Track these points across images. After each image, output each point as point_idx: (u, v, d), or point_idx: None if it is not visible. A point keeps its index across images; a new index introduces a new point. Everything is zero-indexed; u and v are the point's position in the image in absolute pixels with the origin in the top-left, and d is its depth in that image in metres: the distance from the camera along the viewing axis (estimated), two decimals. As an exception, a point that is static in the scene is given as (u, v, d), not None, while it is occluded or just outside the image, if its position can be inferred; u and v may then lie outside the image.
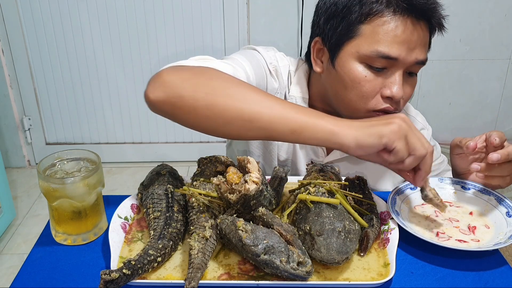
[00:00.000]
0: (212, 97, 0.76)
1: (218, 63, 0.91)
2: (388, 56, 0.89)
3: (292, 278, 0.70)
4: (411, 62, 0.91)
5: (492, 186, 0.92)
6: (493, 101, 2.77)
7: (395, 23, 0.89)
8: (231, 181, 0.77)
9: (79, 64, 2.63)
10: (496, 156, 0.83)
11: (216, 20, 2.55)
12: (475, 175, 0.93)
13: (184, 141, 2.84)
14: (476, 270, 0.78)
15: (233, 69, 0.91)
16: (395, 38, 0.89)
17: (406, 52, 0.90)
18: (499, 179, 0.89)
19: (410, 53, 0.90)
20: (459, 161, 0.95)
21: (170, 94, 0.77)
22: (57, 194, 0.80)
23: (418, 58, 0.91)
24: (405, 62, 0.91)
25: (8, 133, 2.75)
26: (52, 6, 2.49)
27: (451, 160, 0.98)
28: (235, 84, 0.79)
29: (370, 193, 0.90)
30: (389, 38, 0.89)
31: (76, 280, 0.75)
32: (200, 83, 0.77)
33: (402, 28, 0.89)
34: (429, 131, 1.14)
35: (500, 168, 0.87)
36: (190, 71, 0.81)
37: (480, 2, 2.49)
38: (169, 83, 0.78)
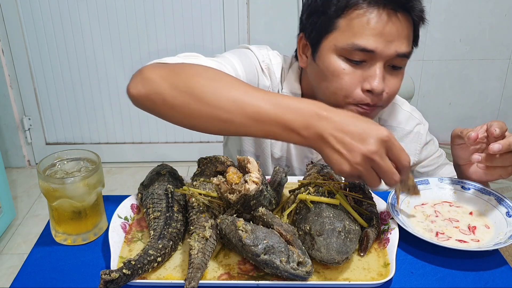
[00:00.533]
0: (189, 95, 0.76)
1: (204, 60, 0.92)
2: (365, 48, 0.89)
3: (292, 278, 0.70)
4: (391, 55, 0.90)
5: (493, 177, 0.91)
6: (493, 101, 2.77)
7: (370, 15, 0.89)
8: (231, 181, 0.77)
9: (79, 64, 2.63)
10: (497, 146, 0.82)
11: (216, 20, 2.55)
12: (476, 165, 0.92)
13: (184, 141, 2.84)
14: (476, 270, 0.78)
15: (218, 65, 0.91)
16: (371, 31, 0.89)
17: (383, 45, 0.89)
18: (500, 169, 0.88)
19: (388, 45, 0.89)
20: (460, 151, 0.94)
21: (150, 90, 0.79)
22: (57, 194, 0.80)
23: (398, 50, 0.90)
24: (384, 55, 0.90)
25: (8, 133, 2.75)
26: (52, 6, 2.49)
27: (452, 151, 0.97)
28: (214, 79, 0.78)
29: (370, 193, 0.90)
30: (365, 31, 0.89)
31: (76, 280, 0.75)
32: (178, 80, 0.78)
33: (378, 20, 0.88)
34: (425, 126, 1.14)
35: (501, 158, 0.86)
36: (170, 68, 0.81)
37: (480, 2, 2.49)
38: (149, 79, 0.79)
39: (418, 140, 1.12)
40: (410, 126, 1.12)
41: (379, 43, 0.89)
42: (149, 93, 0.79)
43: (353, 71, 0.92)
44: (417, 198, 0.87)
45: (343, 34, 0.91)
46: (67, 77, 2.66)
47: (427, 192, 0.95)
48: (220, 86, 0.76)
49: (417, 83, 2.64)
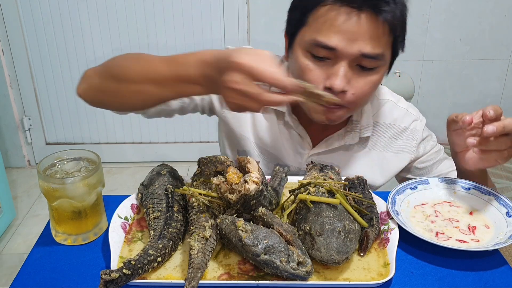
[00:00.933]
0: (109, 78, 0.89)
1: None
2: (325, 45, 0.88)
3: (292, 278, 0.70)
4: (354, 54, 0.88)
5: (490, 163, 0.90)
6: (493, 101, 2.77)
7: (335, 13, 0.88)
8: (231, 181, 0.77)
9: (79, 64, 2.63)
10: (491, 128, 0.80)
11: (216, 20, 2.55)
12: (472, 151, 0.91)
13: (184, 141, 2.84)
14: (476, 270, 0.78)
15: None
16: (333, 28, 0.88)
17: (345, 43, 0.87)
18: (496, 153, 0.86)
19: (350, 44, 0.87)
20: (455, 137, 0.93)
21: (87, 85, 0.93)
22: (57, 194, 0.80)
23: (362, 50, 0.87)
24: (346, 54, 0.88)
25: (8, 133, 2.75)
26: (52, 6, 2.49)
27: (448, 138, 0.96)
28: (125, 59, 0.90)
29: (370, 193, 0.90)
30: (327, 28, 0.88)
31: (76, 280, 0.75)
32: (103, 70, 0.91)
33: (342, 18, 0.87)
34: (422, 122, 1.13)
35: (496, 142, 0.84)
36: (102, 64, 0.93)
37: (480, 2, 2.49)
38: (87, 77, 0.93)
39: (414, 137, 1.11)
40: (406, 122, 1.11)
41: (340, 41, 0.87)
42: (88, 88, 0.93)
43: (316, 67, 0.91)
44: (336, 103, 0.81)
45: (309, 29, 0.91)
46: (67, 77, 2.66)
47: (427, 192, 0.95)
48: (128, 64, 0.88)
49: (417, 83, 2.64)
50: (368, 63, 0.90)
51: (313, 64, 0.91)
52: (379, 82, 0.95)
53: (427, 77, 2.68)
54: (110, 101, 0.92)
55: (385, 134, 1.11)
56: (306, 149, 1.09)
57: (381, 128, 1.11)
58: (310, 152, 1.09)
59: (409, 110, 1.13)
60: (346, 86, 0.90)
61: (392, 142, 1.11)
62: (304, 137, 1.08)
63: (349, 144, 1.08)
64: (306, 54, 0.92)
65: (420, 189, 0.95)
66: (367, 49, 0.88)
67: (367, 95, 0.95)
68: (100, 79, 0.91)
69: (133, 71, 0.86)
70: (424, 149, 1.13)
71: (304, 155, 1.09)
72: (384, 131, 1.11)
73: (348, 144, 1.08)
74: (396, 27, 0.90)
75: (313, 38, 0.90)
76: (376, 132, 1.10)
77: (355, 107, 0.97)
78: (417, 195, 0.94)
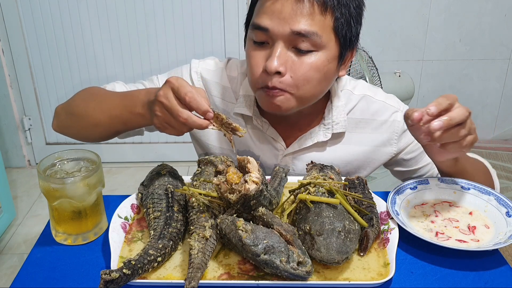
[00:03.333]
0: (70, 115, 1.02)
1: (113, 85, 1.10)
2: (258, 26, 0.91)
3: (292, 278, 0.70)
4: (286, 33, 0.88)
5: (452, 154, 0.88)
6: (493, 101, 2.77)
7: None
8: (231, 181, 0.77)
9: (79, 64, 2.63)
10: (437, 123, 0.77)
11: (216, 21, 2.55)
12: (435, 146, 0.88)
13: (184, 141, 2.84)
14: (476, 270, 0.78)
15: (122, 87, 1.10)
16: (266, 9, 0.90)
17: (277, 23, 0.89)
18: (454, 145, 0.83)
19: (282, 23, 0.88)
20: (414, 132, 0.87)
21: (57, 122, 1.05)
22: (57, 194, 0.80)
23: (293, 28, 0.88)
24: (278, 33, 0.89)
25: (8, 133, 2.75)
26: (52, 6, 2.49)
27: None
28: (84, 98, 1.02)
29: (370, 193, 0.90)
30: (262, 10, 0.91)
31: (76, 280, 0.75)
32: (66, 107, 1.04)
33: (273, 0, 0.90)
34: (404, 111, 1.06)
35: (449, 134, 0.80)
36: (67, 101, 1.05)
37: (480, 2, 2.49)
38: (56, 114, 1.05)
39: (395, 129, 1.08)
40: (386, 115, 1.08)
41: (272, 21, 0.89)
42: (58, 124, 1.05)
43: (257, 53, 0.93)
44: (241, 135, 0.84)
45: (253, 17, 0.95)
46: (67, 77, 2.66)
47: (427, 192, 0.95)
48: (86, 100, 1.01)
49: (417, 83, 2.64)
50: (303, 44, 0.89)
51: (254, 50, 0.94)
52: (321, 67, 0.92)
53: (427, 77, 2.68)
54: (76, 135, 1.05)
55: (364, 129, 1.09)
56: (280, 150, 1.09)
57: (359, 124, 1.08)
58: (284, 152, 1.08)
59: (387, 101, 1.10)
60: (281, 67, 0.90)
61: (372, 136, 1.09)
62: (276, 138, 1.08)
63: (323, 141, 1.07)
64: (250, 42, 0.96)
65: (420, 189, 0.95)
66: (297, 27, 0.88)
67: (308, 80, 0.92)
68: (65, 116, 1.03)
69: (92, 108, 0.98)
70: (408, 140, 1.09)
71: (279, 156, 1.09)
72: (363, 127, 1.09)
73: (322, 141, 1.06)
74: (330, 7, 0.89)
75: (252, 23, 0.94)
76: (354, 127, 1.08)
77: (299, 93, 0.93)
78: (417, 195, 0.94)
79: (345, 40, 0.93)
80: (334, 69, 0.95)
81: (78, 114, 1.00)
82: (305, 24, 0.88)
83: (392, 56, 2.56)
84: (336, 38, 0.92)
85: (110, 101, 0.96)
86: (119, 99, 0.95)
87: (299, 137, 1.07)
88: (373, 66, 2.11)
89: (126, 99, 0.94)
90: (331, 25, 0.90)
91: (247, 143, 1.10)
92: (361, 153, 1.10)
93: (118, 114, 0.94)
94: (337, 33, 0.92)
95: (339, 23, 0.91)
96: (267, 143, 1.09)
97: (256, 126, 1.08)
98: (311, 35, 0.88)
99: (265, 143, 1.09)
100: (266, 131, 1.07)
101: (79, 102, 1.02)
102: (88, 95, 1.03)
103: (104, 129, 0.98)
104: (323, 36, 0.90)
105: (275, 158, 1.09)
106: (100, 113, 0.97)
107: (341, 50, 0.94)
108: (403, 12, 2.48)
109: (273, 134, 1.07)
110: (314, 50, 0.91)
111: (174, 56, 2.60)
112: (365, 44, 2.22)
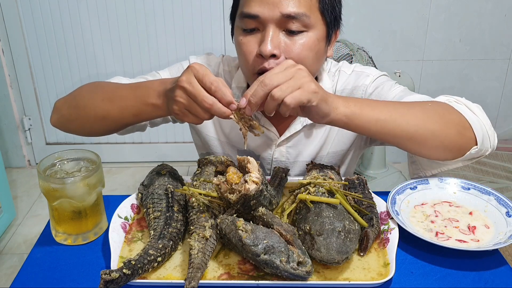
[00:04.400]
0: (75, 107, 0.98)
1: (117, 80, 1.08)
2: (248, 14, 0.93)
3: (292, 278, 0.70)
4: (276, 17, 0.91)
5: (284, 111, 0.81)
6: (493, 101, 2.77)
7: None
8: (231, 181, 0.77)
9: (79, 64, 2.63)
10: (243, 101, 0.80)
11: (216, 20, 2.55)
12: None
13: (184, 141, 2.84)
14: (476, 270, 0.78)
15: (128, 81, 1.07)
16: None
17: (267, 8, 0.91)
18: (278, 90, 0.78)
19: (271, 8, 0.91)
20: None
21: (57, 116, 1.02)
22: (57, 194, 0.80)
23: (283, 11, 0.91)
24: (269, 18, 0.92)
25: (8, 133, 2.75)
26: (52, 6, 2.49)
27: None
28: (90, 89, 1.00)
29: (370, 193, 0.90)
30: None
31: (76, 280, 0.75)
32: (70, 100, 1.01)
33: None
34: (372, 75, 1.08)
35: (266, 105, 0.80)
36: (69, 94, 1.02)
37: (480, 2, 2.49)
38: (56, 108, 1.02)
39: (363, 92, 1.07)
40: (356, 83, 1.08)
41: (261, 7, 0.91)
42: (58, 119, 1.02)
43: (248, 40, 0.95)
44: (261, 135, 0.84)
45: (239, 7, 0.96)
46: (67, 77, 2.66)
47: (427, 192, 0.95)
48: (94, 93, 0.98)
49: (417, 83, 2.64)
50: (293, 25, 0.92)
51: (245, 38, 0.96)
52: (313, 46, 0.95)
53: (427, 77, 2.68)
54: (79, 129, 1.02)
55: None
56: (274, 139, 1.10)
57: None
58: (277, 141, 1.09)
59: (356, 69, 1.10)
60: (275, 50, 0.92)
61: None
62: (269, 128, 1.09)
63: (311, 124, 1.08)
64: (239, 31, 0.97)
65: (420, 189, 0.95)
66: (286, 9, 0.91)
67: (303, 60, 0.93)
68: (68, 109, 1.00)
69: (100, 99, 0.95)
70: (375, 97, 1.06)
71: (273, 145, 1.10)
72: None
73: (310, 124, 1.08)
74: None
75: (240, 12, 0.95)
76: None
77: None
78: (417, 195, 0.94)
79: (331, 19, 0.97)
80: (323, 49, 0.99)
81: (84, 106, 0.97)
82: (293, 6, 0.91)
83: (392, 56, 2.56)
84: (322, 18, 0.96)
85: (120, 92, 0.93)
86: (130, 90, 0.93)
87: (291, 124, 1.09)
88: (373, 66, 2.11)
89: (138, 90, 0.91)
90: (317, 6, 0.94)
91: (240, 135, 1.11)
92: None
93: (129, 105, 0.91)
94: (323, 13, 0.96)
95: (324, 4, 0.95)
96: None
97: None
98: (301, 16, 0.92)
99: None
100: (260, 121, 1.09)
101: (85, 93, 0.99)
102: (94, 87, 1.00)
103: (112, 121, 0.95)
104: (311, 16, 0.93)
105: (269, 148, 1.11)
106: (109, 105, 0.93)
107: (328, 30, 0.98)
108: (403, 12, 2.48)
109: (266, 124, 1.09)
110: (304, 30, 0.94)
111: (174, 55, 2.60)
112: (365, 44, 2.23)
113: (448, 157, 0.91)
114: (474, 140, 0.89)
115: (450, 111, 0.91)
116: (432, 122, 0.88)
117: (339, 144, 1.12)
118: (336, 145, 1.12)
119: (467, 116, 0.90)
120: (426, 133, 0.87)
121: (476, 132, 0.89)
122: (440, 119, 0.89)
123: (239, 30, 0.97)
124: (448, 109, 0.91)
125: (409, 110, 0.89)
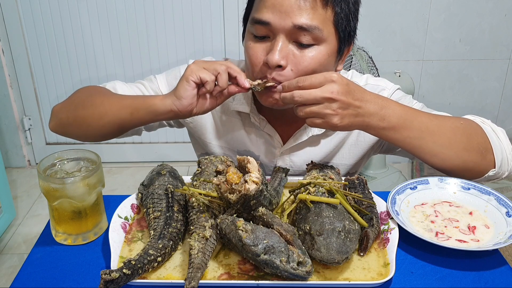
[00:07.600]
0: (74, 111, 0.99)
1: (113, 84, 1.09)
2: (260, 21, 0.91)
3: (292, 278, 0.70)
4: (288, 27, 0.89)
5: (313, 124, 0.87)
6: (493, 101, 2.77)
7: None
8: (231, 181, 0.77)
9: (79, 64, 2.63)
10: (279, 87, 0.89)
11: (216, 21, 2.55)
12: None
13: (184, 141, 2.84)
14: (476, 270, 0.78)
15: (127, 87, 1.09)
16: (265, 3, 0.90)
17: (279, 17, 0.88)
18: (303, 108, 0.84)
19: (283, 17, 0.88)
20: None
21: (56, 121, 1.03)
22: (57, 194, 0.80)
23: (295, 22, 0.88)
24: (280, 27, 0.89)
25: (8, 133, 2.75)
26: (52, 6, 2.49)
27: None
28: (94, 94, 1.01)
29: (370, 193, 0.90)
30: (262, 4, 0.91)
31: (76, 280, 0.75)
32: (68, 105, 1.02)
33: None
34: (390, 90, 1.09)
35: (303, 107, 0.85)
36: (67, 99, 1.04)
37: (480, 2, 2.49)
38: (54, 113, 1.03)
39: None
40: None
41: (273, 15, 0.89)
42: (57, 123, 1.02)
43: (256, 46, 0.93)
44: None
45: (252, 12, 0.95)
46: (67, 77, 2.66)
47: (427, 192, 0.95)
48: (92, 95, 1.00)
49: (417, 83, 2.64)
50: (304, 38, 0.90)
51: (254, 43, 0.94)
52: (322, 61, 0.92)
53: (427, 77, 2.68)
54: (77, 132, 1.02)
55: None
56: (277, 147, 1.09)
57: None
58: (281, 149, 1.09)
59: (369, 81, 1.09)
60: (282, 61, 0.90)
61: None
62: (273, 135, 1.08)
63: (317, 135, 1.07)
64: (250, 35, 0.95)
65: (420, 189, 0.95)
66: (299, 21, 0.88)
67: (309, 74, 0.92)
68: (67, 112, 1.01)
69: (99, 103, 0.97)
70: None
71: (276, 153, 1.09)
72: None
73: (317, 135, 1.07)
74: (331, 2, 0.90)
75: (251, 18, 0.94)
76: None
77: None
78: (417, 195, 0.94)
79: (345, 34, 0.94)
80: (333, 64, 0.96)
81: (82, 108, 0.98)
82: (306, 18, 0.88)
83: (392, 56, 2.56)
84: (336, 32, 0.92)
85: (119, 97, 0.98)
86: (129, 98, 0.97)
87: (295, 132, 1.08)
88: (373, 66, 2.11)
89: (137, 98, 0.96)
90: (331, 19, 0.91)
91: (244, 141, 1.11)
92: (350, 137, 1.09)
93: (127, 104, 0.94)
94: (337, 28, 0.92)
95: (339, 18, 0.91)
96: (264, 140, 1.09)
97: (253, 124, 1.08)
98: (313, 29, 0.89)
99: (262, 140, 1.10)
100: (263, 129, 1.08)
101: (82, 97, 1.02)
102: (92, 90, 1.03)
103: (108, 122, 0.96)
104: (324, 30, 0.90)
105: (272, 155, 1.10)
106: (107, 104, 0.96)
107: (340, 44, 0.94)
108: (403, 12, 2.48)
109: (270, 131, 1.08)
110: (315, 44, 0.91)
111: (174, 56, 2.60)
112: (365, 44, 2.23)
113: (466, 176, 0.95)
114: (493, 163, 0.94)
115: (477, 132, 0.94)
116: (458, 142, 0.92)
117: (350, 157, 1.11)
118: (347, 159, 1.11)
119: (491, 138, 0.94)
120: (451, 154, 0.92)
121: (496, 155, 0.94)
122: (467, 140, 0.93)
123: (249, 35, 0.95)
124: (476, 129, 0.95)
125: (439, 128, 0.91)
